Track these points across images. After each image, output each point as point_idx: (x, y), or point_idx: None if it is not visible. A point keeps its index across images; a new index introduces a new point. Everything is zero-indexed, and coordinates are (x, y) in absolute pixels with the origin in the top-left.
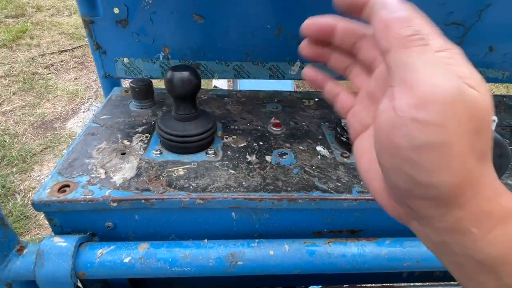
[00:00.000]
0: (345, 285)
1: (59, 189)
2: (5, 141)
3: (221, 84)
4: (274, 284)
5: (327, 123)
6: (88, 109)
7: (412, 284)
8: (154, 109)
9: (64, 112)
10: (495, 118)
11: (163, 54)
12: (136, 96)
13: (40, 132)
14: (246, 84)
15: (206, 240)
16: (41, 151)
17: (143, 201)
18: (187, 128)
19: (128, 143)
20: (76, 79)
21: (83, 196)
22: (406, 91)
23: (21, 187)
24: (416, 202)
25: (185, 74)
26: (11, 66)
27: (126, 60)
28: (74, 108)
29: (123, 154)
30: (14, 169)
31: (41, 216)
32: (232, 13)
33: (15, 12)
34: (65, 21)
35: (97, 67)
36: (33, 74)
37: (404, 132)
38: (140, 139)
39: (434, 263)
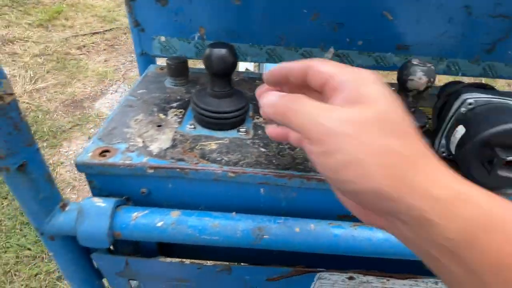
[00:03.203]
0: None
1: (100, 153)
2: (38, 117)
3: (248, 68)
4: (293, 263)
5: None
6: (116, 91)
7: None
8: (188, 87)
9: (93, 93)
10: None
11: (199, 35)
12: (171, 73)
13: (70, 110)
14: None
15: (234, 213)
16: (70, 128)
17: (178, 170)
18: (221, 105)
19: (164, 116)
20: (106, 61)
21: (122, 161)
22: (308, 141)
23: (50, 161)
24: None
25: (223, 51)
26: (46, 46)
27: (163, 38)
28: (102, 89)
29: (159, 126)
30: (45, 144)
31: (68, 189)
32: None
33: None
34: (98, 3)
35: (134, 44)
36: (66, 54)
37: (323, 168)
38: (175, 113)
39: None
